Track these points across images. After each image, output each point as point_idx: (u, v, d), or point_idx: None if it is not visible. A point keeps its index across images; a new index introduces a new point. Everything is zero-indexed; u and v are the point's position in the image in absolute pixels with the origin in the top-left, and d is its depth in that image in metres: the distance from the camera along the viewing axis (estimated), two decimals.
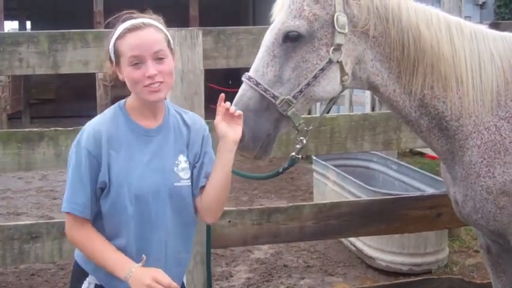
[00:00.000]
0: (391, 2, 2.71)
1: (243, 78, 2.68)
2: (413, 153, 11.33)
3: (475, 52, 2.77)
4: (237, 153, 2.66)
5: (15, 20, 24.29)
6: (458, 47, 2.75)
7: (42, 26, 17.69)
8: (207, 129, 2.76)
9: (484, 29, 2.88)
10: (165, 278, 2.38)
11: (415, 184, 6.26)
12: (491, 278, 3.34)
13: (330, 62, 2.65)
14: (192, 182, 2.65)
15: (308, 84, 2.65)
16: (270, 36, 2.70)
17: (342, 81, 2.71)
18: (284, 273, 5.82)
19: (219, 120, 2.56)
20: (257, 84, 2.63)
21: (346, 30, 2.66)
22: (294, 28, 2.63)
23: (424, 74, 2.73)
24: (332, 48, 2.64)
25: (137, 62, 2.45)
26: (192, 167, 2.66)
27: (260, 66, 2.67)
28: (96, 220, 2.56)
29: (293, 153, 2.99)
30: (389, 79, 2.77)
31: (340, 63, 2.66)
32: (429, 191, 5.57)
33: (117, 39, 2.49)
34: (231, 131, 2.55)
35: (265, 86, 2.63)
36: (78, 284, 2.60)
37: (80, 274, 2.61)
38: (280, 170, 3.21)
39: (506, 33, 2.92)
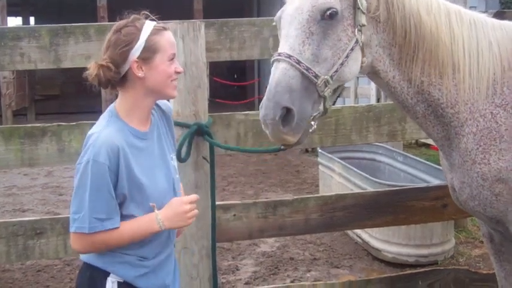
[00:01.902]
0: None
1: (278, 57, 2.53)
2: (419, 145, 11.32)
3: (474, 39, 2.78)
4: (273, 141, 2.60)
5: (18, 16, 24.26)
6: (457, 34, 2.76)
7: (46, 22, 17.70)
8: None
9: (483, 17, 2.89)
10: (189, 196, 2.56)
11: (421, 175, 6.24)
12: (494, 266, 3.36)
13: (356, 42, 2.62)
14: None
15: (342, 64, 2.59)
16: (300, 13, 2.57)
17: (362, 62, 2.68)
18: (290, 266, 5.81)
19: None
20: (298, 62, 2.49)
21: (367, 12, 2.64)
22: (332, 5, 2.55)
23: (423, 60, 2.75)
24: (357, 29, 2.61)
25: (173, 58, 2.58)
26: None
27: (296, 44, 2.53)
28: None
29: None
30: (390, 65, 2.78)
31: (362, 44, 2.64)
32: (435, 182, 5.54)
33: (153, 35, 2.53)
34: None
35: (307, 65, 2.51)
36: (100, 285, 2.58)
37: (99, 276, 2.59)
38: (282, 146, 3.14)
39: (505, 22, 2.94)
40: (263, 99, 2.50)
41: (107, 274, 2.57)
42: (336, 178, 6.87)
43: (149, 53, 2.52)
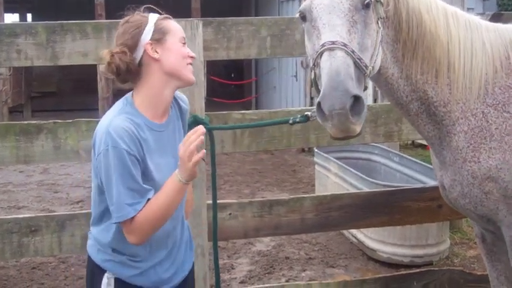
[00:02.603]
0: None
1: (333, 46, 2.38)
2: (415, 146, 11.34)
3: (468, 40, 2.82)
4: (336, 131, 2.39)
5: (15, 12, 24.16)
6: (454, 35, 2.80)
7: (43, 19, 17.65)
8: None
9: (478, 19, 2.94)
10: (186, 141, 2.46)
11: (417, 176, 6.25)
12: (486, 266, 3.38)
13: (381, 34, 2.61)
14: None
15: (377, 55, 2.57)
16: (339, 2, 2.48)
17: (382, 56, 2.67)
18: (285, 266, 5.82)
19: None
20: (353, 51, 2.39)
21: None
22: None
23: (422, 58, 2.78)
24: (380, 21, 2.60)
25: (184, 42, 2.64)
26: None
27: (343, 33, 2.42)
28: None
29: (308, 112, 3.00)
30: (391, 62, 2.79)
31: (382, 37, 2.63)
32: (430, 182, 5.54)
33: (160, 20, 2.59)
34: None
35: (359, 54, 2.42)
36: (97, 279, 2.61)
37: (98, 270, 2.62)
38: (291, 121, 3.14)
39: (498, 24, 2.99)
40: (324, 90, 2.32)
41: (104, 270, 2.60)
42: (332, 178, 6.87)
43: (160, 34, 2.56)
